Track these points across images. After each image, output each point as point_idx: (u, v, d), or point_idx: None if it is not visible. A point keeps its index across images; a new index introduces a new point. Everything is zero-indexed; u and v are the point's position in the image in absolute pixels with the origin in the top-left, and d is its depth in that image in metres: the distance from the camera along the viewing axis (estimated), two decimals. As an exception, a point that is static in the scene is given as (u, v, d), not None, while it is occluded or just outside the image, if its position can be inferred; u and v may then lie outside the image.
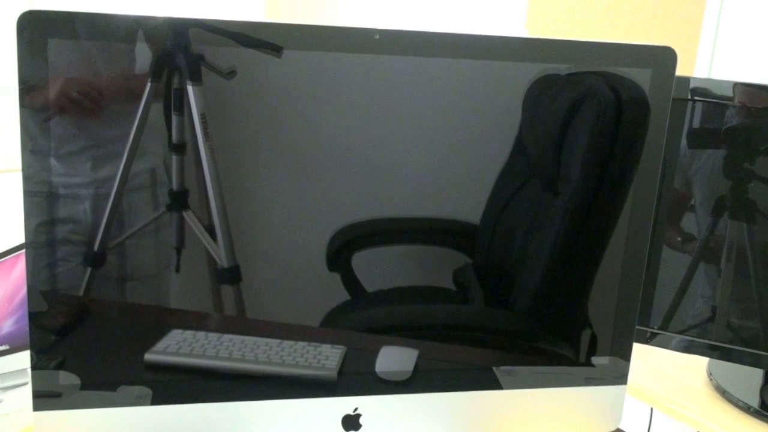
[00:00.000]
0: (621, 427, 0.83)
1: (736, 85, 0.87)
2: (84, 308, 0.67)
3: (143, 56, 0.63)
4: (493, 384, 0.77)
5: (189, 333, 0.69)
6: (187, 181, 0.66)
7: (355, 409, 0.75)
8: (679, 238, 0.93)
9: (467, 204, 0.72)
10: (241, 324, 0.70)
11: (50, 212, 0.64)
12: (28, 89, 0.61)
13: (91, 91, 0.62)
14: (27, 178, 0.63)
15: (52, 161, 0.63)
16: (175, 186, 0.66)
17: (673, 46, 0.71)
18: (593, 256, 0.75)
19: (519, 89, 0.69)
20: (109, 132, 0.65)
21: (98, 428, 0.69)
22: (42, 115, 0.62)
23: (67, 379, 0.67)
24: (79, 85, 0.62)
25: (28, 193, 0.63)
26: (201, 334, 0.70)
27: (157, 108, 0.64)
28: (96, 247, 0.66)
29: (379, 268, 0.73)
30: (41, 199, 0.64)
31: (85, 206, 0.65)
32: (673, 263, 0.94)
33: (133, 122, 0.64)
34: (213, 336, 0.70)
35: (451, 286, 0.74)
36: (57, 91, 0.61)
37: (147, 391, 0.69)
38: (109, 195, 0.65)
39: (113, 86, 0.63)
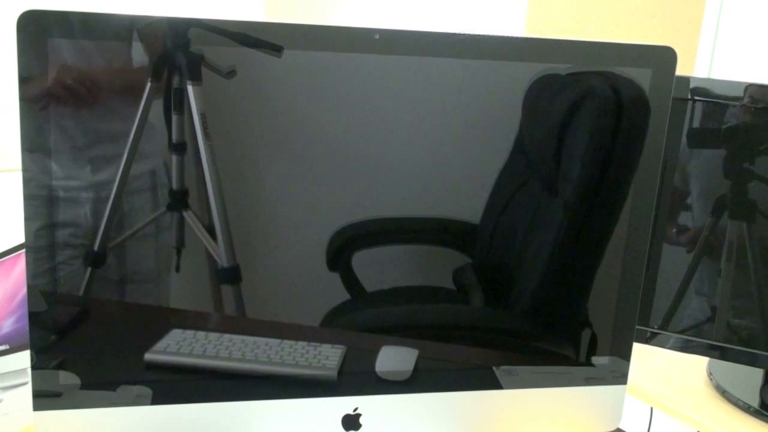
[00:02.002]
0: (621, 427, 0.83)
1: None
2: (84, 308, 0.67)
3: (143, 56, 0.63)
4: (493, 384, 0.77)
5: (189, 333, 0.69)
6: (187, 181, 0.66)
7: (355, 409, 0.75)
8: (674, 230, 0.93)
9: (467, 204, 0.72)
10: (241, 324, 0.70)
11: (50, 216, 0.64)
12: (28, 89, 0.61)
13: (92, 87, 0.62)
14: (27, 181, 0.63)
15: (53, 164, 0.63)
16: (175, 186, 0.66)
17: (673, 46, 0.71)
18: (593, 255, 0.75)
19: (519, 89, 0.69)
20: (109, 132, 0.65)
21: (98, 428, 0.69)
22: (42, 116, 0.62)
23: (67, 378, 0.67)
24: (79, 80, 0.62)
25: (28, 197, 0.63)
26: (201, 334, 0.70)
27: (157, 108, 0.64)
28: (96, 247, 0.66)
29: (379, 268, 0.73)
30: (41, 202, 0.64)
31: (86, 210, 0.65)
32: (673, 263, 0.94)
33: (133, 122, 0.64)
34: (213, 336, 0.70)
35: (451, 286, 0.74)
36: (57, 89, 0.61)
37: (147, 391, 0.69)
38: (109, 196, 0.65)
39: (113, 86, 0.63)
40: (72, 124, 0.63)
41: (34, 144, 0.62)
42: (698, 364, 1.06)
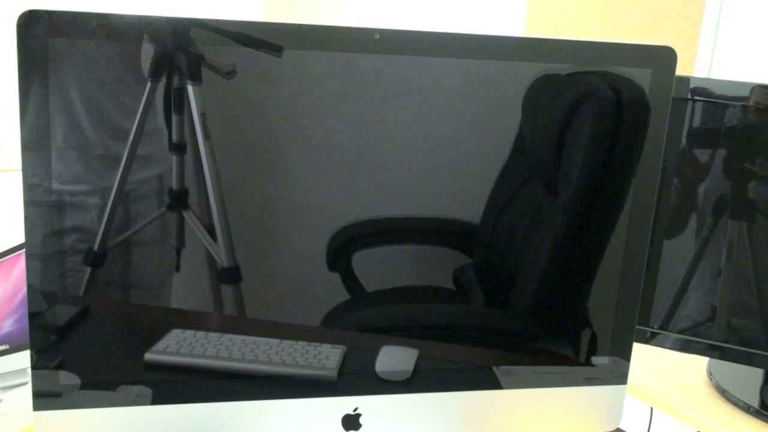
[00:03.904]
0: (621, 427, 0.83)
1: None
2: (84, 308, 0.67)
3: (143, 56, 0.62)
4: (493, 384, 0.77)
5: (189, 333, 0.69)
6: (187, 181, 0.66)
7: (355, 409, 0.75)
8: (674, 229, 0.93)
9: (467, 204, 0.72)
10: (241, 324, 0.70)
11: (51, 220, 0.64)
12: (28, 89, 0.61)
13: (91, 87, 0.62)
14: (26, 185, 0.63)
15: (53, 166, 0.63)
16: (175, 186, 0.66)
17: (673, 46, 0.71)
18: (593, 255, 0.75)
19: (519, 89, 0.69)
20: (110, 133, 0.64)
21: (98, 428, 0.69)
22: (42, 116, 0.62)
23: (67, 378, 0.67)
24: (79, 80, 0.62)
25: (27, 201, 0.63)
26: (201, 334, 0.70)
27: (157, 108, 0.64)
28: (96, 247, 0.66)
29: (379, 268, 0.73)
30: (41, 206, 0.63)
31: (92, 215, 0.65)
32: (673, 263, 0.94)
33: (132, 122, 0.64)
34: (213, 336, 0.70)
35: (451, 286, 0.74)
36: (57, 89, 0.61)
37: (147, 391, 0.69)
38: (110, 197, 0.65)
39: (113, 86, 0.63)
40: (71, 125, 0.63)
41: (34, 145, 0.62)
42: (698, 364, 1.06)
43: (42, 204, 0.64)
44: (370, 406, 0.75)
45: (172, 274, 0.69)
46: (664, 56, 0.71)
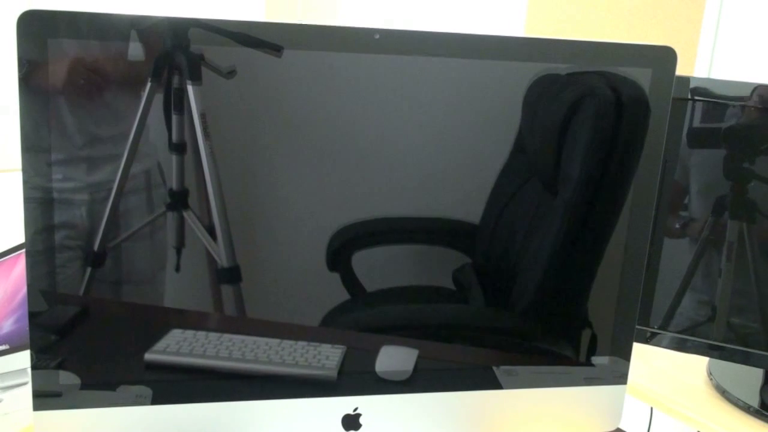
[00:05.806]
0: (621, 427, 0.83)
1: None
2: (84, 308, 0.67)
3: (143, 56, 0.63)
4: (493, 384, 0.77)
5: (189, 333, 0.69)
6: (187, 181, 0.66)
7: (355, 409, 0.75)
8: (675, 229, 0.93)
9: (467, 204, 0.72)
10: (241, 324, 0.70)
11: (50, 218, 0.64)
12: (27, 89, 0.61)
13: (91, 87, 0.62)
14: (28, 186, 0.63)
15: (53, 165, 0.63)
16: (175, 186, 0.66)
17: (673, 46, 0.71)
18: (593, 255, 0.75)
19: (519, 89, 0.69)
20: (109, 132, 0.65)
21: (98, 428, 0.69)
22: (42, 116, 0.62)
23: (67, 378, 0.67)
24: (79, 80, 0.62)
25: (28, 199, 0.63)
26: (201, 334, 0.70)
27: (157, 108, 0.64)
28: (96, 247, 0.66)
29: (379, 268, 0.73)
30: (41, 204, 0.63)
31: (82, 211, 0.65)
32: (673, 263, 0.94)
33: (132, 122, 0.64)
34: (213, 336, 0.70)
35: (451, 286, 0.74)
36: (57, 89, 0.61)
37: (147, 391, 0.69)
38: (108, 196, 0.65)
39: (113, 86, 0.63)
40: (72, 124, 0.63)
41: (33, 145, 0.62)
42: (698, 364, 1.06)
43: (42, 204, 0.64)
44: (370, 406, 0.75)
45: (172, 274, 0.69)
46: (664, 56, 0.71)
